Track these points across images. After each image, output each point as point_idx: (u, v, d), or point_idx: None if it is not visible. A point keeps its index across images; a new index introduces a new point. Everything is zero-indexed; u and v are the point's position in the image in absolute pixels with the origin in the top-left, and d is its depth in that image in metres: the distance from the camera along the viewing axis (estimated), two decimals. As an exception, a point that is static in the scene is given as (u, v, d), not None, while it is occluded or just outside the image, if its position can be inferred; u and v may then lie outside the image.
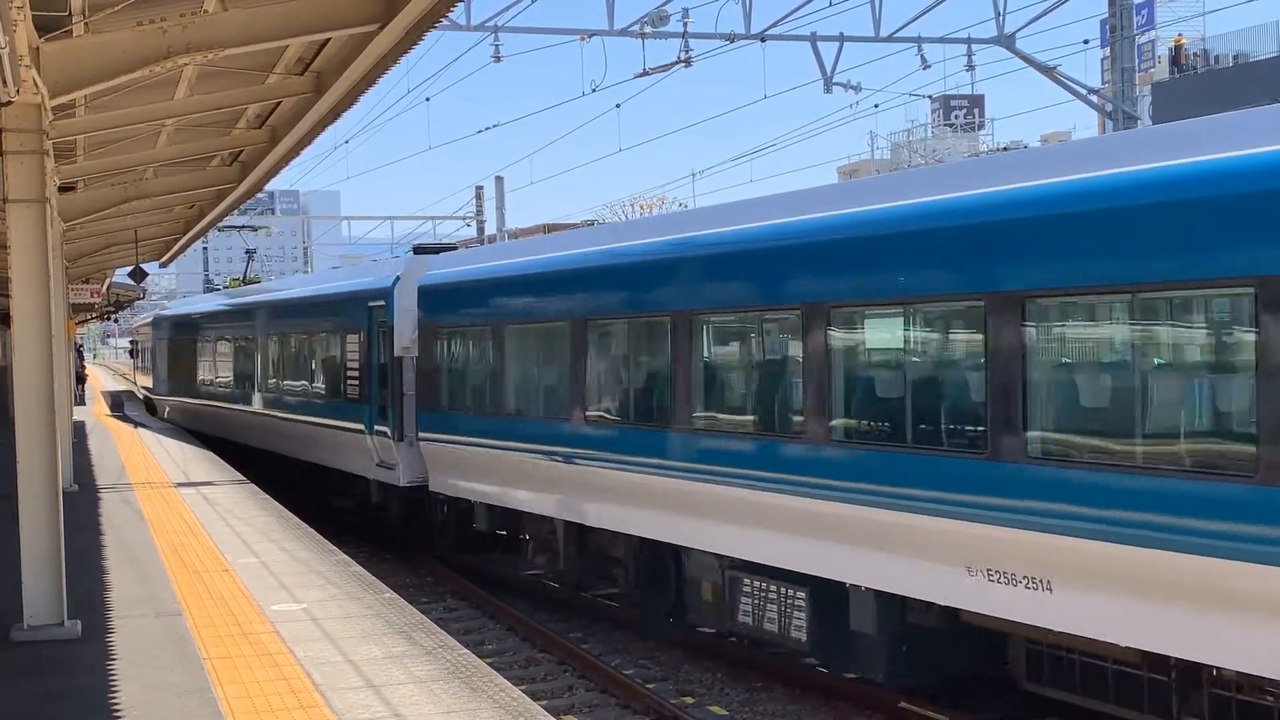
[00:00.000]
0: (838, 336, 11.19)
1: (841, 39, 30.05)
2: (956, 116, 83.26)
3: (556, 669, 13.86)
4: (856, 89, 31.57)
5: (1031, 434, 9.40)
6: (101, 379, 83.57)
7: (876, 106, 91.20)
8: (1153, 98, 39.56)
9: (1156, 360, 8.83)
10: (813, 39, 29.84)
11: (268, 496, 20.20)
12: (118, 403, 50.10)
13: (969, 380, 10.13)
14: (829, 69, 29.97)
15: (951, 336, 10.46)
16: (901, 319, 10.72)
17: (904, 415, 10.61)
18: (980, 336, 9.81)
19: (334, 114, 13.90)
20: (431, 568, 19.22)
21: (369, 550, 21.10)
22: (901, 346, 10.78)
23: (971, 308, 9.93)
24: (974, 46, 30.84)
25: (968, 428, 10.10)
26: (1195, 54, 45.39)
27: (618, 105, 38.15)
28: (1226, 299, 8.35)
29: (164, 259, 35.95)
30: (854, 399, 11.19)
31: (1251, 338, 7.99)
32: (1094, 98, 29.89)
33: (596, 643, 14.87)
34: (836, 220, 11.38)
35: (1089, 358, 9.41)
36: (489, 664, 10.81)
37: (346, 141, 55.79)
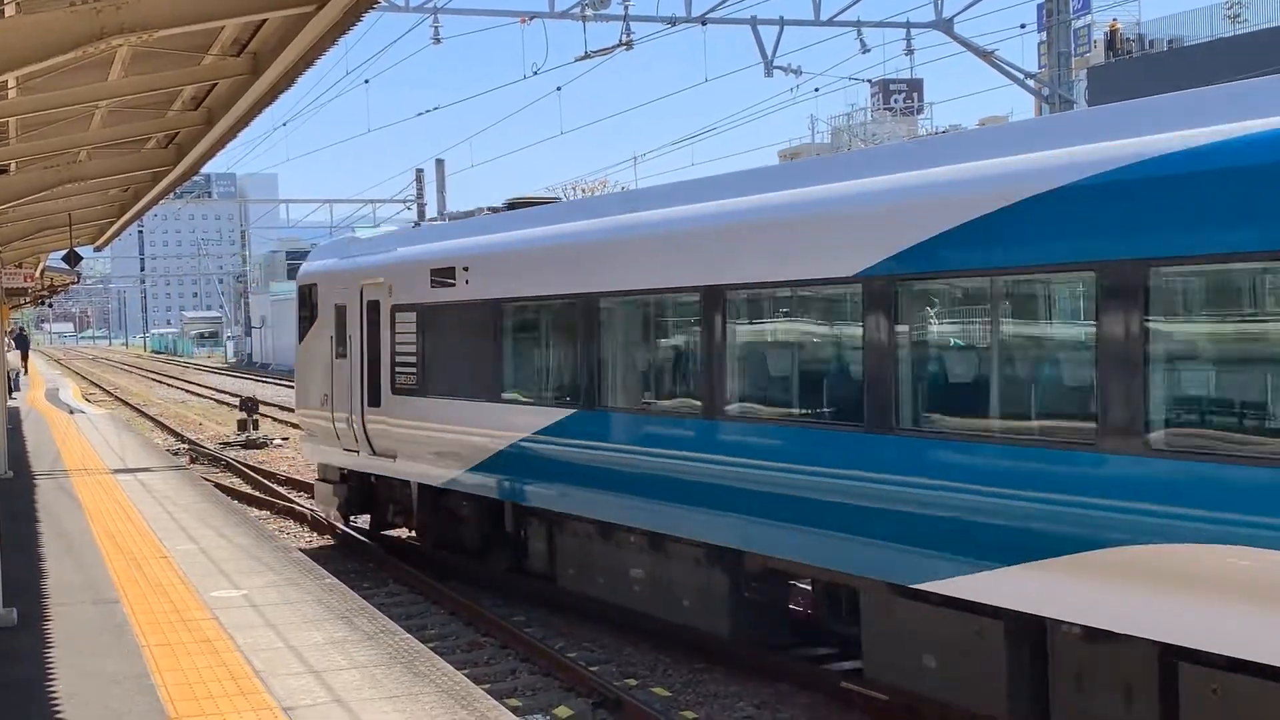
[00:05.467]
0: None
1: (782, 23, 30.14)
2: (896, 100, 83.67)
3: (499, 653, 13.85)
4: (797, 73, 31.69)
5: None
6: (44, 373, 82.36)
7: (817, 90, 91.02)
8: (1088, 82, 39.95)
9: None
10: (753, 22, 29.92)
11: (206, 482, 20.06)
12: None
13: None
14: (769, 53, 30.07)
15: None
16: None
17: None
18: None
19: (271, 95, 13.75)
20: (372, 553, 19.14)
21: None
22: None
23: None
24: (913, 31, 31.05)
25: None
26: (1130, 39, 45.88)
27: (559, 88, 37.96)
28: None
29: (99, 243, 35.43)
30: None
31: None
32: (1031, 82, 30.15)
33: (540, 626, 14.88)
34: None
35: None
36: (431, 648, 10.80)
37: (284, 124, 55.12)
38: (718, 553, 12.24)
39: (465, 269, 15.73)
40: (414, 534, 18.89)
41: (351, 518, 20.13)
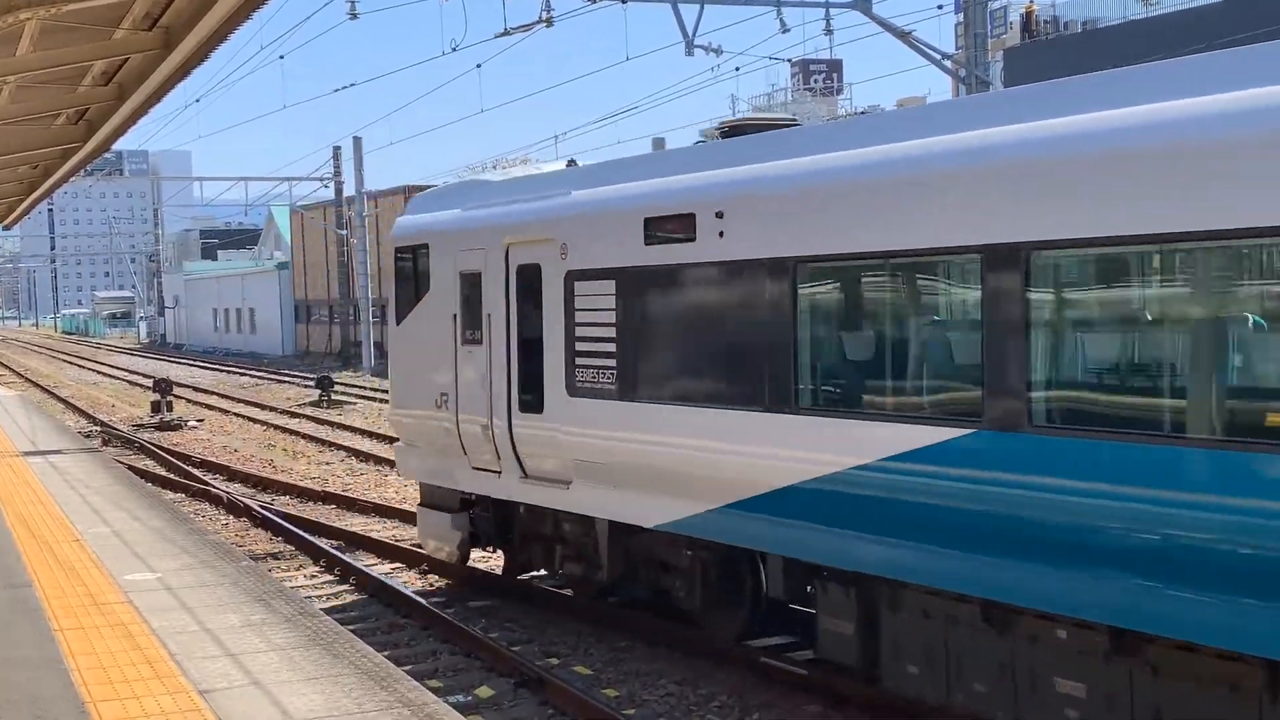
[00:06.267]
0: None
1: (702, 1, 30.13)
2: (816, 81, 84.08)
3: (420, 634, 13.79)
4: (718, 52, 31.70)
5: None
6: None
7: (738, 70, 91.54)
8: (1004, 63, 40.40)
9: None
10: (674, 1, 29.87)
11: (119, 465, 19.74)
12: None
13: None
14: (690, 31, 30.05)
15: None
16: None
17: None
18: None
19: (184, 71, 13.54)
20: (290, 535, 18.97)
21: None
22: None
23: None
24: (832, 11, 31.16)
25: None
26: (1046, 21, 46.43)
27: (479, 65, 37.76)
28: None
29: (8, 221, 34.76)
30: None
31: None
32: (948, 63, 30.38)
33: (461, 607, 14.84)
34: None
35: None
36: (351, 630, 10.72)
37: (198, 100, 54.34)
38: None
39: (719, 214, 10.85)
40: (550, 572, 14.49)
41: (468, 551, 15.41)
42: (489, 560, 16.64)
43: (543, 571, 14.87)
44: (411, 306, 15.32)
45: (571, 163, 14.44)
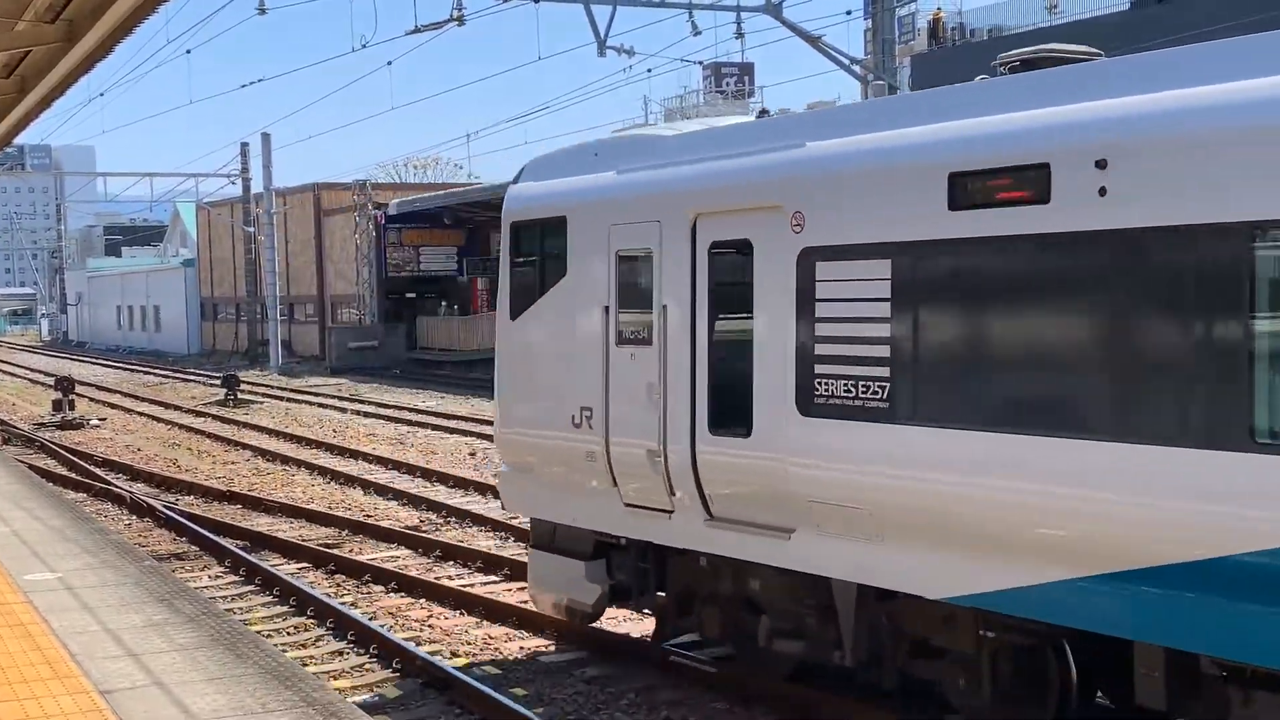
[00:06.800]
0: None
1: (615, 2, 30.20)
2: (728, 84, 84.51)
3: (327, 634, 13.71)
4: (630, 53, 31.80)
5: None
6: None
7: (650, 71, 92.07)
8: (912, 69, 40.98)
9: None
10: (586, 1, 29.91)
11: (19, 464, 19.38)
12: None
13: None
14: (603, 32, 30.11)
15: None
16: None
17: None
18: None
19: (87, 64, 13.36)
20: (195, 535, 18.74)
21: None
22: None
23: None
24: (743, 14, 31.39)
25: None
26: (953, 28, 47.13)
27: (389, 63, 37.56)
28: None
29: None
30: None
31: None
32: (857, 68, 30.72)
33: (370, 606, 14.76)
34: None
35: None
36: (256, 631, 10.65)
37: (102, 94, 53.51)
38: None
39: (1100, 164, 7.77)
40: (737, 646, 11.09)
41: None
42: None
43: (690, 635, 11.76)
44: (534, 298, 12.12)
45: (764, 113, 11.66)
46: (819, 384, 9.31)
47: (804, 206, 9.45)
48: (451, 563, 16.85)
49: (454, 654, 12.80)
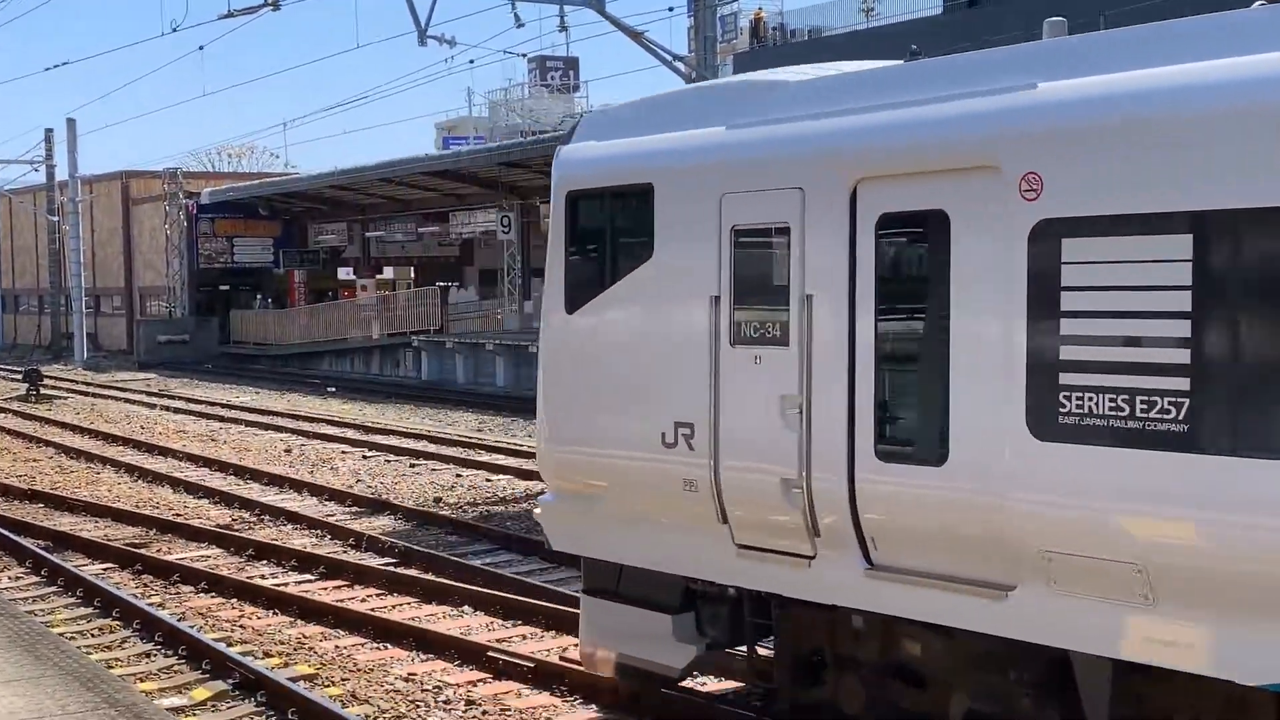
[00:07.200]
0: None
1: (436, -8, 29.83)
2: (553, 78, 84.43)
3: (134, 636, 13.23)
4: (451, 43, 31.51)
5: None
6: None
7: (472, 63, 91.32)
8: (734, 67, 41.39)
9: None
10: (406, -10, 29.47)
11: None
12: None
13: None
14: (424, 21, 29.73)
15: None
16: None
17: None
18: None
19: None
20: (-7, 534, 17.94)
21: None
22: None
23: None
24: (566, 8, 31.31)
25: None
26: (774, 28, 47.85)
27: (201, 47, 36.67)
28: None
29: None
30: None
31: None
32: (680, 65, 30.90)
33: (179, 606, 14.31)
34: None
35: None
36: (58, 634, 10.20)
37: (-109, 76, 50.86)
38: None
39: None
40: None
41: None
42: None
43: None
44: (603, 286, 9.76)
45: (914, 55, 9.03)
46: (1066, 398, 7.03)
47: (1041, 166, 7.15)
48: (265, 562, 16.45)
49: (267, 654, 12.47)
